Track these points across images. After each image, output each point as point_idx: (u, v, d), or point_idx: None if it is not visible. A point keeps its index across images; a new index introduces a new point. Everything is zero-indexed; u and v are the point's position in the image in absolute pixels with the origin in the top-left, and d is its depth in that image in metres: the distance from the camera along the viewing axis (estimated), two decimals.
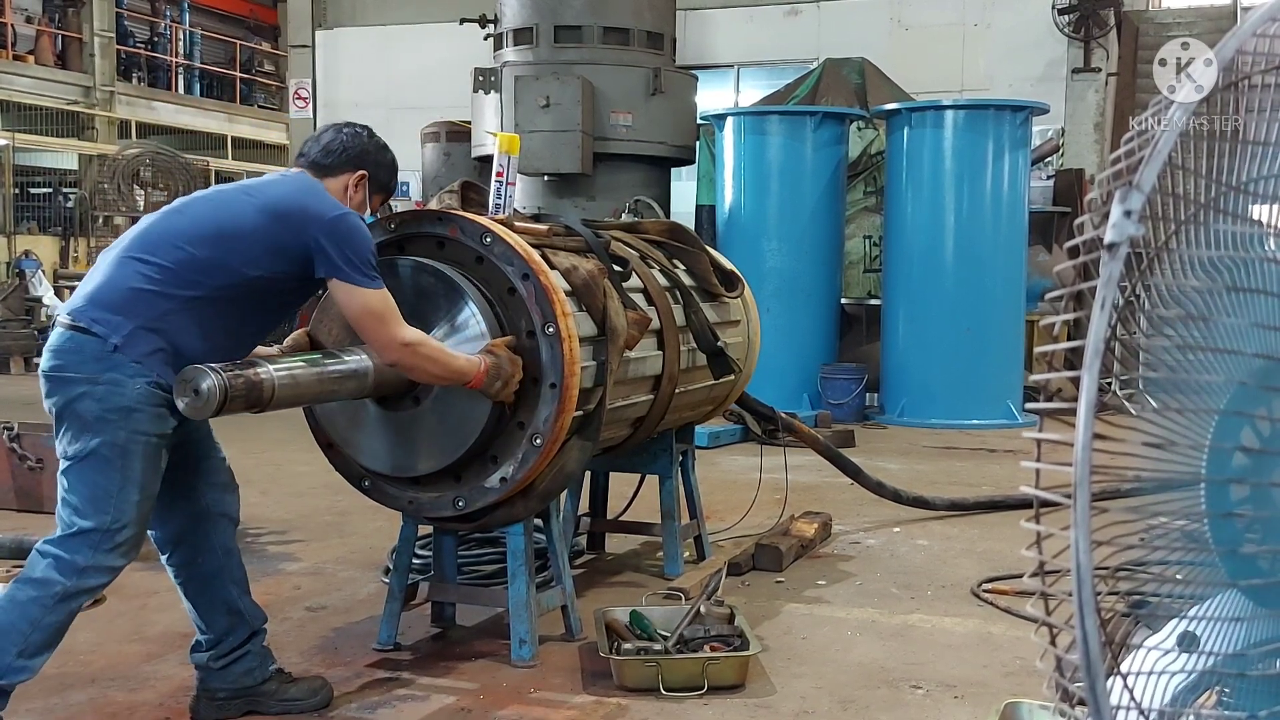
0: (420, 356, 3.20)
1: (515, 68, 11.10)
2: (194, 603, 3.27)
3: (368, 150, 3.35)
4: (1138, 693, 1.62)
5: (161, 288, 2.96)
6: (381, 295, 3.13)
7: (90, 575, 2.92)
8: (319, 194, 3.20)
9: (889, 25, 13.03)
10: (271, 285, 3.11)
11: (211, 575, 3.25)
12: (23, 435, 5.92)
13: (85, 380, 2.90)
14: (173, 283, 2.97)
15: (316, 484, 6.25)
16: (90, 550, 2.90)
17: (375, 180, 3.37)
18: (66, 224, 21.12)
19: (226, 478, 3.33)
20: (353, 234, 3.10)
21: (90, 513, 2.90)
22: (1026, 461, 1.61)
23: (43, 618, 2.87)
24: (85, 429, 2.90)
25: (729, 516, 5.63)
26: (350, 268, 3.07)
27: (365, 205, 3.36)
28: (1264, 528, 1.64)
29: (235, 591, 3.29)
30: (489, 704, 3.39)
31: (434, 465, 3.55)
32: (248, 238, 3.05)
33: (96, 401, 2.88)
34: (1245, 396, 1.65)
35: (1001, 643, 3.94)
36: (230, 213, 3.11)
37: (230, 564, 3.29)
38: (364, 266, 3.09)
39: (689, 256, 4.68)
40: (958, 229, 9.38)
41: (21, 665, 2.87)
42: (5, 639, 2.85)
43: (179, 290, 2.98)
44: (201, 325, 3.01)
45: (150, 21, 26.63)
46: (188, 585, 3.26)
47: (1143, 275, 1.62)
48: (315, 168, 3.31)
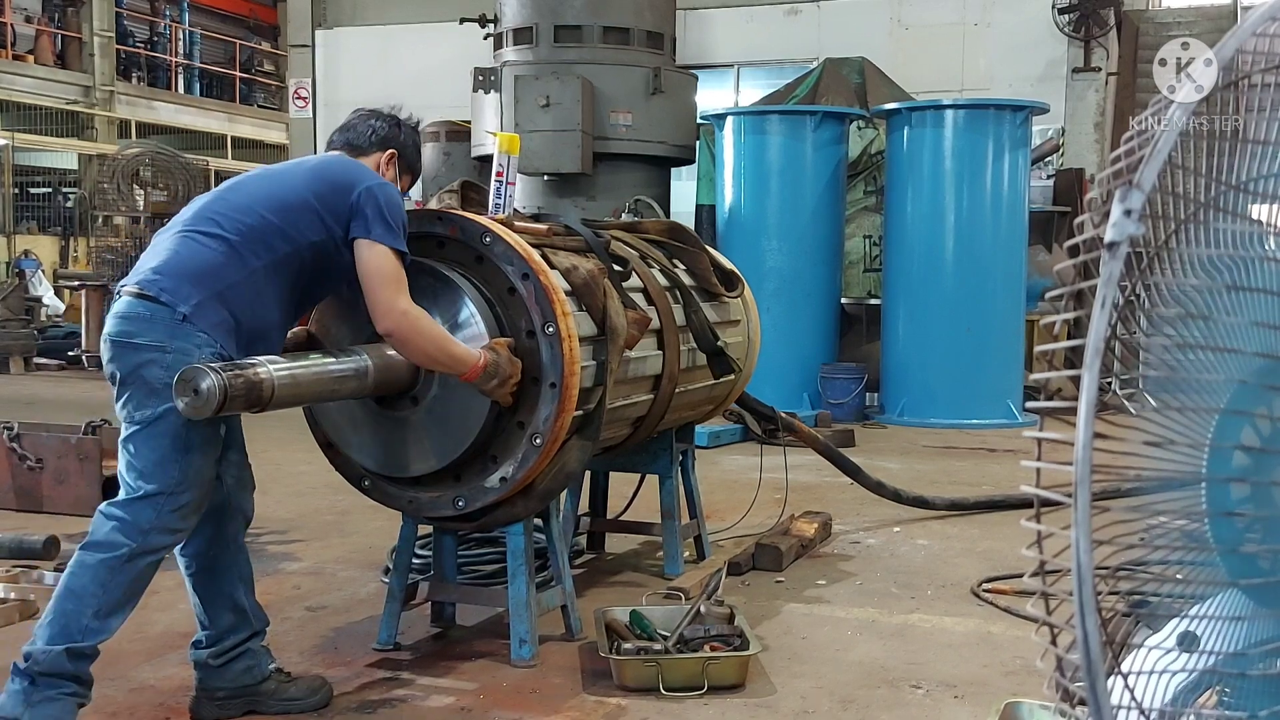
0: (415, 330, 3.21)
1: (515, 67, 11.10)
2: (200, 596, 3.28)
3: (395, 132, 3.52)
4: (1138, 692, 1.62)
5: (227, 259, 3.07)
6: (398, 260, 3.20)
7: (154, 536, 2.98)
8: (361, 166, 3.38)
9: (889, 25, 13.02)
10: (325, 251, 3.22)
11: (222, 570, 3.27)
12: (23, 435, 5.92)
13: (154, 348, 2.96)
14: (237, 253, 3.08)
15: (317, 483, 6.25)
16: (154, 513, 2.97)
17: (404, 159, 3.53)
18: (66, 224, 21.14)
19: (247, 475, 3.36)
20: (391, 200, 3.24)
21: (156, 476, 2.97)
22: (1027, 461, 1.61)
23: (111, 578, 2.94)
24: (152, 395, 2.96)
25: (729, 516, 5.63)
26: (383, 228, 3.18)
27: (396, 182, 3.48)
28: (1264, 527, 1.64)
29: (241, 589, 3.30)
30: (489, 704, 3.39)
31: (431, 466, 3.54)
32: (303, 206, 3.19)
33: (164, 369, 2.92)
34: (1245, 395, 1.65)
35: (1002, 642, 3.93)
36: (284, 184, 3.26)
37: (239, 560, 3.31)
38: (395, 230, 3.20)
39: (689, 256, 4.68)
40: (958, 228, 9.38)
41: (98, 626, 2.94)
42: (80, 602, 2.92)
43: (243, 260, 3.09)
44: (263, 296, 3.12)
45: (150, 21, 26.65)
46: (197, 577, 3.28)
47: (1143, 274, 1.62)
48: (349, 148, 3.48)
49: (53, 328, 15.88)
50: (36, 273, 17.78)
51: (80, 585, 2.93)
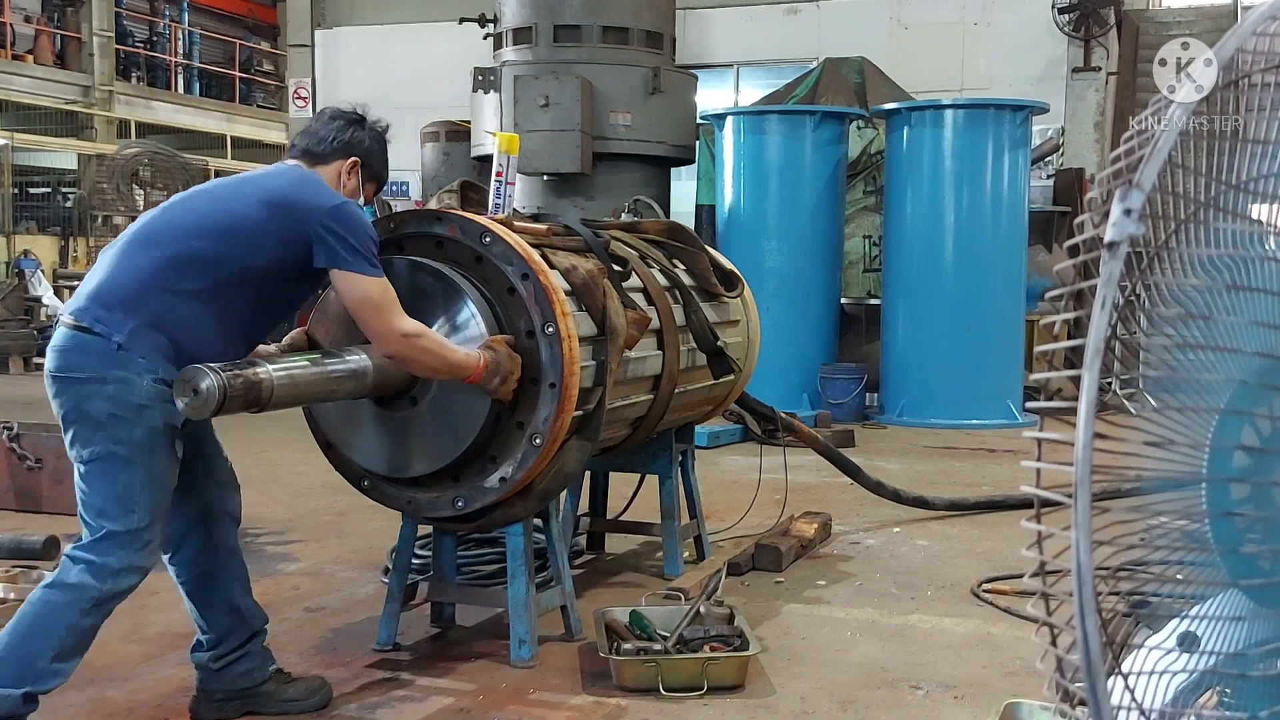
0: (418, 349, 3.18)
1: (515, 67, 11.10)
2: (195, 602, 3.26)
3: (360, 138, 3.35)
4: (1139, 693, 1.62)
5: (165, 282, 2.95)
6: (381, 284, 3.12)
7: (124, 577, 2.91)
8: (317, 184, 3.19)
9: (889, 24, 13.02)
10: (275, 276, 3.10)
11: (214, 575, 3.24)
12: (22, 435, 5.92)
13: (94, 380, 2.87)
14: (175, 277, 2.96)
15: (315, 484, 6.25)
16: (122, 551, 2.89)
17: (368, 167, 3.37)
18: (65, 224, 21.11)
19: (228, 476, 3.32)
20: (352, 222, 3.08)
21: (117, 514, 2.89)
22: (1027, 461, 1.61)
23: (79, 622, 2.86)
24: (99, 429, 2.88)
25: (729, 516, 5.62)
26: (351, 255, 3.06)
27: (358, 193, 3.35)
28: (1265, 527, 1.64)
29: (237, 591, 3.28)
30: (488, 704, 3.38)
31: (430, 466, 3.54)
32: (251, 230, 3.04)
33: (107, 400, 2.86)
34: (1246, 395, 1.65)
35: (1001, 643, 3.93)
36: (232, 206, 3.10)
37: (232, 563, 3.28)
38: (364, 254, 3.08)
39: (688, 256, 4.68)
40: (958, 228, 9.37)
41: (55, 669, 2.85)
42: (43, 643, 2.83)
43: (182, 284, 2.96)
44: (204, 320, 2.99)
45: (149, 21, 26.63)
46: (190, 584, 3.25)
47: (1143, 274, 1.62)
48: (307, 156, 3.31)
49: (52, 328, 15.85)
50: (36, 273, 17.75)
51: (45, 627, 2.83)
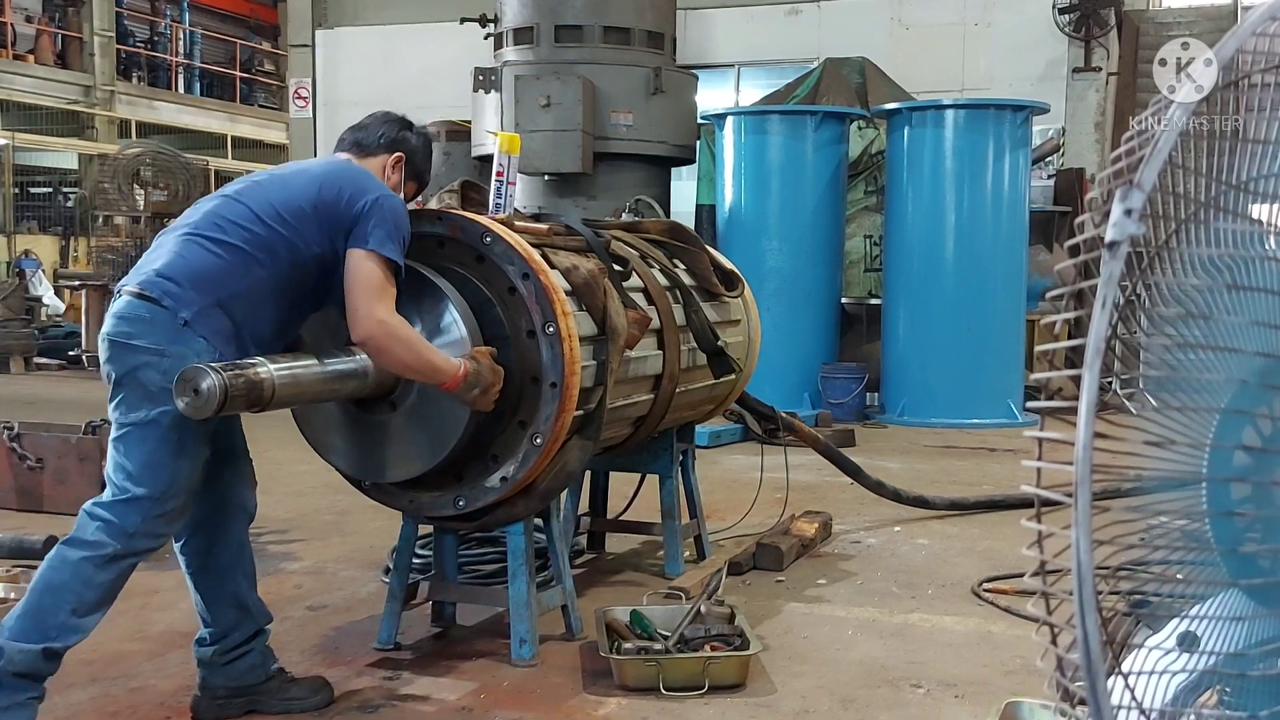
0: (394, 338, 3.14)
1: (515, 67, 11.10)
2: (203, 594, 3.27)
3: (406, 137, 3.49)
4: (1139, 692, 1.62)
5: (231, 266, 3.04)
6: (387, 271, 3.14)
7: (139, 540, 2.96)
8: (368, 174, 3.31)
9: (889, 25, 13.02)
10: (329, 264, 3.17)
11: (224, 567, 3.26)
12: (23, 435, 5.92)
13: (152, 350, 2.93)
14: (242, 261, 3.06)
15: (317, 483, 6.25)
16: (140, 517, 2.94)
17: (411, 164, 3.49)
18: (66, 223, 21.14)
19: (249, 471, 3.35)
20: (395, 212, 3.19)
21: (145, 480, 2.94)
22: (1027, 460, 1.61)
23: (94, 577, 2.92)
24: (147, 398, 2.94)
25: (729, 516, 5.62)
26: (379, 236, 3.12)
27: (400, 188, 3.45)
28: (1265, 527, 1.64)
29: (245, 586, 3.29)
30: (489, 703, 3.39)
31: (406, 473, 3.51)
32: (307, 216, 3.14)
33: (161, 374, 2.91)
34: (1246, 395, 1.65)
35: (1002, 642, 3.93)
36: (289, 193, 3.19)
37: (243, 559, 3.30)
38: (389, 238, 3.14)
39: (689, 256, 4.68)
40: (958, 228, 9.38)
41: (76, 624, 2.92)
42: (58, 598, 2.90)
43: (248, 269, 3.06)
44: (264, 305, 3.10)
45: (150, 21, 26.64)
46: (199, 575, 3.27)
47: (1143, 274, 1.62)
48: (356, 148, 3.45)
49: (53, 328, 15.89)
50: (37, 272, 17.77)
51: (61, 581, 2.90)
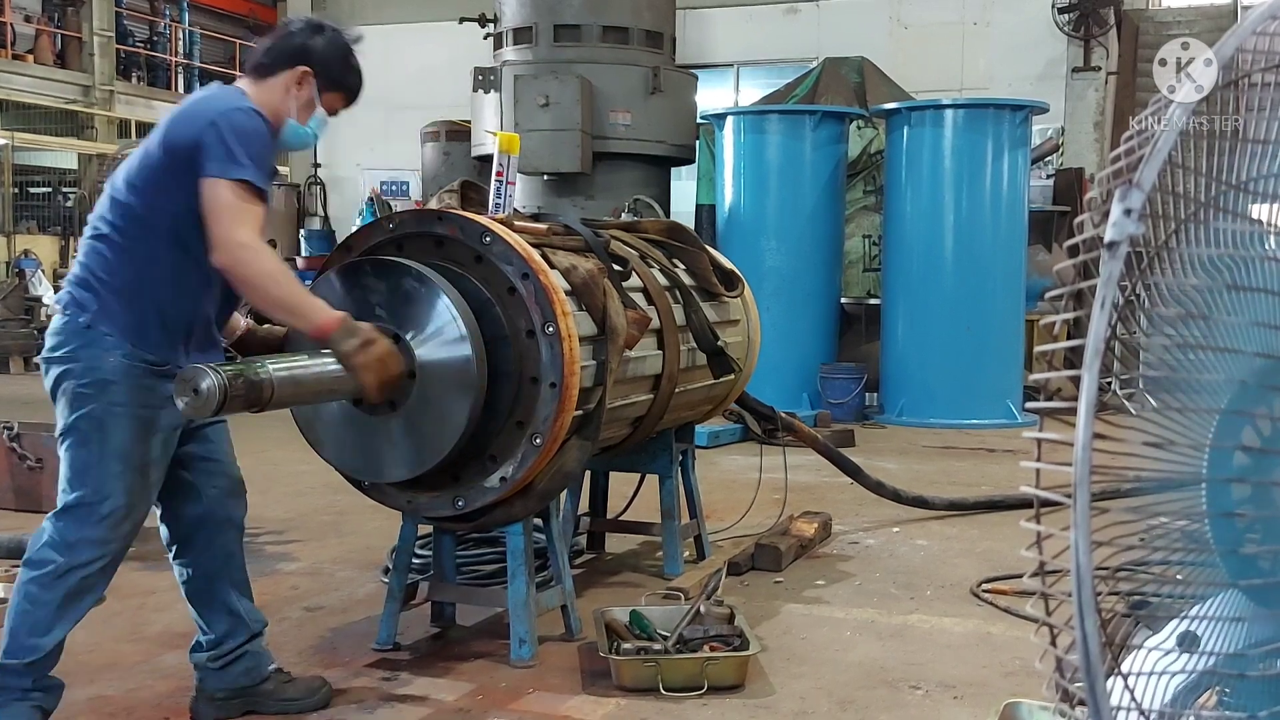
0: (255, 265, 2.86)
1: (515, 67, 11.10)
2: (194, 603, 3.27)
3: (310, 45, 3.10)
4: (1138, 693, 1.62)
5: (113, 255, 2.95)
6: (238, 191, 2.83)
7: (81, 550, 2.91)
8: (221, 96, 3.00)
9: (889, 24, 13.03)
10: (194, 215, 2.89)
11: (213, 577, 3.25)
12: (22, 435, 5.92)
13: (67, 359, 2.93)
14: (120, 249, 2.94)
15: (315, 483, 6.25)
16: (76, 524, 2.91)
17: (324, 76, 3.11)
18: (66, 223, 21.12)
19: (233, 483, 3.28)
20: (236, 128, 2.85)
21: (76, 484, 2.93)
22: (1026, 461, 1.61)
23: (40, 595, 2.90)
24: (67, 406, 2.94)
25: (728, 516, 5.62)
26: (222, 160, 2.82)
27: (314, 104, 3.12)
28: (1265, 527, 1.64)
29: (234, 595, 3.27)
30: (488, 704, 3.38)
31: (404, 474, 3.50)
32: (159, 173, 2.92)
33: (74, 379, 2.91)
34: (1246, 395, 1.65)
35: (1001, 643, 3.93)
36: (141, 158, 2.98)
37: (231, 567, 3.27)
38: (229, 158, 2.82)
39: (688, 256, 4.68)
40: (957, 228, 9.37)
41: (33, 645, 2.90)
42: (17, 620, 2.91)
43: (128, 253, 2.93)
44: (168, 283, 2.95)
45: (150, 21, 26.61)
46: (189, 585, 3.26)
47: (1143, 274, 1.62)
48: (255, 71, 3.11)
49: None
50: (36, 272, 17.75)
51: (16, 604, 2.92)
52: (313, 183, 15.59)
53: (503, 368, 3.44)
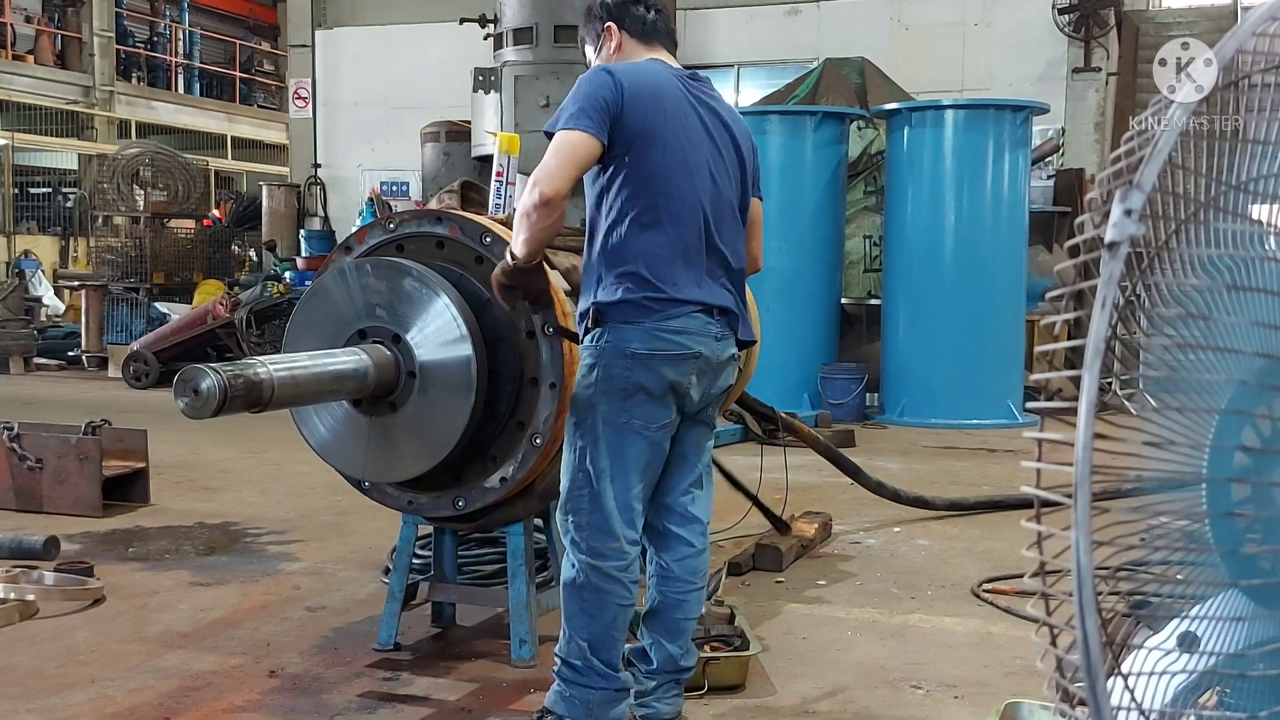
0: (523, 220, 3.08)
1: (515, 67, 11.09)
2: None
3: (590, 5, 3.38)
4: (1138, 693, 1.62)
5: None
6: (562, 137, 3.00)
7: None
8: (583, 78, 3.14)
9: (889, 25, 13.03)
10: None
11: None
12: (23, 435, 5.91)
13: None
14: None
15: (316, 484, 6.25)
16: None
17: (619, 21, 3.33)
18: (66, 224, 21.13)
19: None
20: (577, 88, 3.03)
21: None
22: (1027, 461, 1.61)
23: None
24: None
25: (729, 516, 5.61)
26: (555, 116, 3.01)
27: (618, 50, 3.30)
28: (1265, 527, 1.64)
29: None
30: (489, 704, 3.39)
31: (404, 475, 3.50)
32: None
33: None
34: (1246, 395, 1.65)
35: (1002, 643, 3.93)
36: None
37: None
38: (564, 110, 3.00)
39: None
40: (958, 229, 9.38)
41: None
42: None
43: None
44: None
45: (150, 21, 26.63)
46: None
47: (1143, 274, 1.62)
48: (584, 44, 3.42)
49: (52, 328, 15.88)
50: (36, 273, 17.77)
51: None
52: (313, 183, 15.58)
53: (503, 368, 3.44)
